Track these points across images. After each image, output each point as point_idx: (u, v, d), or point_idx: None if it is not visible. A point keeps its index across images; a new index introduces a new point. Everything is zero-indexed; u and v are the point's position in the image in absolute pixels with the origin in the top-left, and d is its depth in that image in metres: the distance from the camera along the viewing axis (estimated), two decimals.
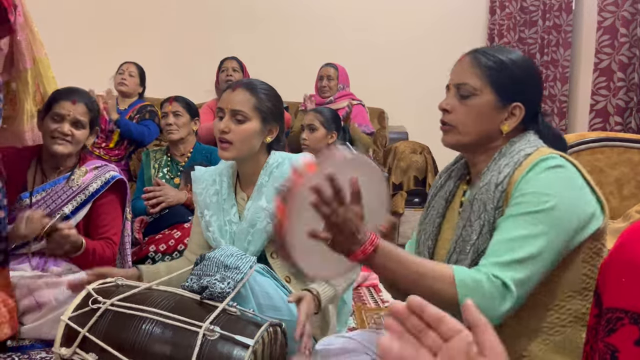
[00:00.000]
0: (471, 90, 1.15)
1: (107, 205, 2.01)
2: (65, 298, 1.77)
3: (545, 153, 1.09)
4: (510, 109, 1.14)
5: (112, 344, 1.27)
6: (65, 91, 2.03)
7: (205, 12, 4.47)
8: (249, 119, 1.60)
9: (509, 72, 1.15)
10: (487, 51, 1.17)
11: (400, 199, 3.40)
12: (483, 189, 1.11)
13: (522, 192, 1.05)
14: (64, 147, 1.95)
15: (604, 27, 3.26)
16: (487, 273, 1.00)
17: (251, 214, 1.63)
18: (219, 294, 1.35)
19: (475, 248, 1.09)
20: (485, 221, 1.09)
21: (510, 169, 1.09)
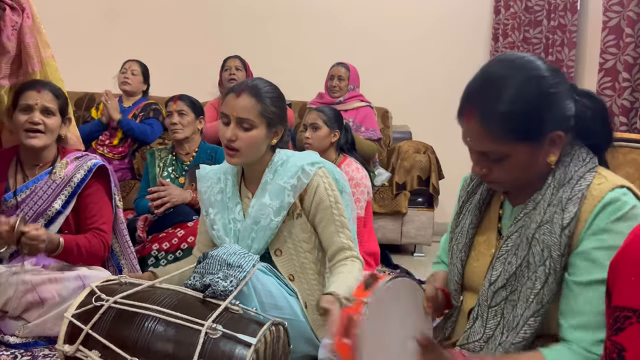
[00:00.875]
0: (502, 156, 1.04)
1: (93, 194, 1.99)
2: (69, 294, 1.78)
3: (610, 183, 1.02)
4: (548, 142, 1.04)
5: (115, 341, 1.27)
6: (29, 83, 2.00)
7: (209, 10, 4.47)
8: (255, 126, 1.60)
9: (520, 109, 1.00)
10: (488, 105, 1.02)
11: (404, 199, 3.39)
12: (545, 228, 1.03)
13: (599, 244, 0.98)
14: (39, 139, 1.92)
15: (609, 27, 3.24)
16: (584, 353, 0.97)
17: (255, 211, 1.63)
18: (222, 292, 1.35)
19: (539, 299, 1.03)
20: (551, 270, 1.02)
21: (575, 207, 1.00)
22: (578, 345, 0.98)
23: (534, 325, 1.04)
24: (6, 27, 2.08)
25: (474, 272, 1.18)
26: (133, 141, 3.39)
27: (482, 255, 1.17)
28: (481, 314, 1.11)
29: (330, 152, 2.80)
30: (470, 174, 1.26)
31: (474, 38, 4.41)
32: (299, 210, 1.64)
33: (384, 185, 3.49)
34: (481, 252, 1.18)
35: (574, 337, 0.99)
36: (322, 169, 1.66)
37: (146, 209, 2.61)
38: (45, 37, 2.23)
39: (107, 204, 2.02)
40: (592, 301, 0.98)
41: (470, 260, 1.20)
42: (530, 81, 1.02)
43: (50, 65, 2.25)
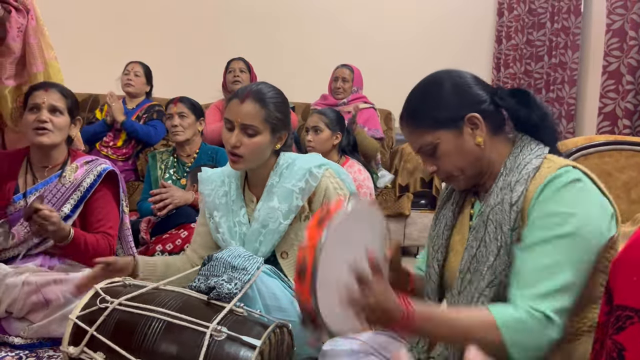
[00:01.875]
0: (432, 146, 1.15)
1: (101, 199, 2.00)
2: (73, 295, 1.78)
3: (556, 164, 1.08)
4: (467, 123, 1.13)
5: (120, 343, 1.27)
6: (37, 84, 2.03)
7: (213, 12, 4.48)
8: (260, 132, 1.60)
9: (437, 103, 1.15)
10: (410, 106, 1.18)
11: (407, 201, 3.40)
12: (497, 208, 1.09)
13: (541, 212, 1.04)
14: (47, 137, 1.93)
15: (612, 30, 3.25)
16: (527, 308, 0.98)
17: (263, 215, 1.63)
18: (226, 295, 1.36)
19: (492, 270, 1.08)
20: (502, 242, 1.07)
21: (522, 186, 1.07)
22: (521, 300, 1.00)
23: (488, 296, 1.08)
24: (12, 28, 2.10)
25: (452, 272, 1.21)
26: (137, 143, 3.40)
27: (458, 254, 1.21)
28: (453, 302, 1.17)
29: (332, 154, 2.81)
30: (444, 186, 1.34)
31: (478, 40, 4.42)
32: (307, 212, 1.64)
33: (387, 187, 3.49)
34: (458, 251, 1.21)
35: (515, 295, 1.02)
36: (329, 170, 1.67)
37: (149, 211, 2.62)
38: (48, 39, 2.26)
39: (115, 208, 2.04)
40: (533, 259, 1.02)
41: (449, 261, 1.24)
42: (432, 79, 1.19)
43: (53, 66, 2.28)
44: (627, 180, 2.22)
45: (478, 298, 1.09)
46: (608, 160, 2.22)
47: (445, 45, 4.35)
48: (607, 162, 2.22)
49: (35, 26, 2.19)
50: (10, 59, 2.16)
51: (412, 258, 3.56)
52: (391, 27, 4.43)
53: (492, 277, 1.08)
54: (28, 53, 2.18)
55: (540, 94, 4.14)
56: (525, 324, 0.98)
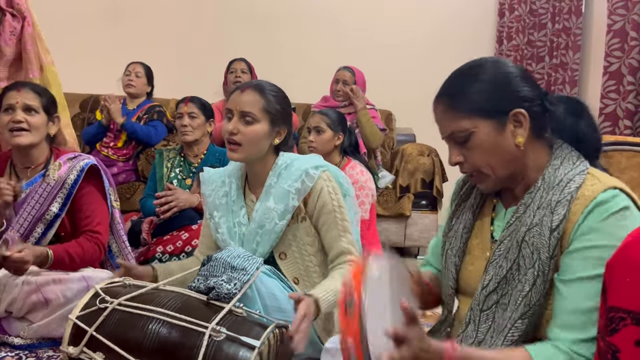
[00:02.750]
0: (465, 133, 1.07)
1: (86, 196, 1.96)
2: (73, 295, 1.79)
3: (602, 184, 1.01)
4: (512, 118, 1.05)
5: (119, 343, 1.28)
6: (10, 85, 2.00)
7: (213, 13, 4.49)
8: (258, 121, 1.61)
9: (479, 89, 1.06)
10: (451, 86, 1.10)
11: (407, 202, 3.39)
12: (534, 230, 1.02)
13: (588, 243, 0.98)
14: (24, 137, 1.90)
15: (613, 31, 3.24)
16: (569, 353, 0.96)
17: (259, 215, 1.63)
18: (226, 295, 1.36)
19: (527, 300, 1.02)
20: (539, 272, 1.01)
21: (564, 209, 1.00)
22: (562, 343, 0.97)
23: (521, 328, 1.03)
24: (4, 31, 2.13)
25: (469, 277, 1.17)
26: (137, 143, 3.41)
27: (477, 259, 1.17)
28: (474, 319, 1.11)
29: (334, 155, 2.80)
30: (462, 178, 1.26)
31: (478, 41, 4.41)
32: (304, 213, 1.64)
33: (387, 187, 3.49)
34: (475, 256, 1.17)
35: (558, 336, 0.98)
36: (326, 173, 1.66)
37: (152, 208, 2.61)
38: (45, 44, 2.28)
39: (102, 204, 2.00)
40: (577, 299, 0.97)
41: (465, 264, 1.19)
42: (482, 63, 1.10)
43: (50, 71, 2.30)
44: (628, 180, 2.21)
45: (510, 330, 1.04)
46: (609, 161, 2.22)
47: (446, 46, 4.34)
48: (608, 163, 2.22)
49: (32, 32, 2.22)
50: (2, 61, 2.18)
51: (413, 259, 3.56)
52: (391, 27, 4.43)
53: (526, 309, 1.02)
54: (25, 59, 2.21)
55: None
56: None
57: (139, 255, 2.44)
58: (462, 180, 1.26)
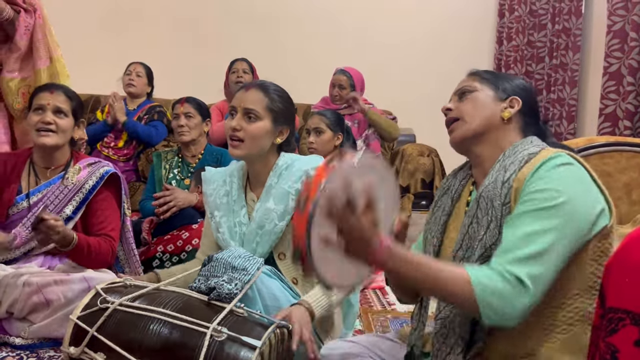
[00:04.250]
0: (470, 89, 1.25)
1: (103, 201, 1.99)
2: (74, 295, 1.78)
3: (552, 152, 1.11)
4: (509, 102, 1.23)
5: (120, 343, 1.28)
6: (43, 85, 2.05)
7: (214, 13, 4.49)
8: (261, 118, 1.62)
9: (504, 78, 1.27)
10: (488, 71, 1.31)
11: (407, 202, 3.40)
12: (489, 186, 1.13)
13: (532, 189, 1.06)
14: (50, 138, 1.93)
15: (613, 31, 3.25)
16: (502, 270, 0.99)
17: (259, 215, 1.63)
18: (227, 295, 1.36)
19: (482, 244, 1.10)
20: (492, 217, 1.10)
21: (516, 166, 1.11)
22: (497, 264, 1.01)
23: None
24: (20, 27, 2.26)
25: (448, 259, 1.20)
26: (138, 143, 3.41)
27: (453, 240, 1.21)
28: None
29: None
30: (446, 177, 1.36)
31: (478, 41, 4.42)
32: None
33: None
34: (452, 239, 1.22)
35: (495, 260, 1.03)
36: None
37: (151, 210, 2.62)
38: (55, 38, 2.38)
39: (116, 211, 2.04)
40: (513, 230, 1.04)
41: (444, 248, 1.25)
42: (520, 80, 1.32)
43: (59, 62, 2.38)
44: (628, 181, 2.22)
45: None
46: (609, 162, 2.22)
47: (446, 47, 4.35)
48: (608, 164, 2.22)
49: (42, 24, 2.30)
50: (16, 54, 2.26)
51: None
52: (392, 28, 4.43)
53: (482, 251, 1.09)
54: (35, 49, 2.29)
55: (541, 95, 4.14)
56: (498, 285, 0.98)
57: (139, 255, 2.44)
58: (446, 177, 1.36)
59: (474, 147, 1.23)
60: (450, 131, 1.26)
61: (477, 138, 1.22)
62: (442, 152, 3.48)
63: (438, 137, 3.75)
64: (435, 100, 4.19)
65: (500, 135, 1.21)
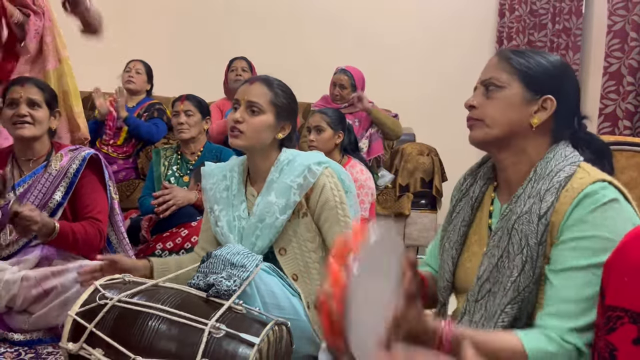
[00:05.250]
0: (497, 84, 1.11)
1: (87, 185, 2.02)
2: (70, 283, 1.80)
3: (591, 177, 1.02)
4: (541, 102, 1.09)
5: (119, 339, 1.28)
6: (14, 79, 2.07)
7: (214, 10, 4.48)
8: (264, 112, 1.64)
9: (538, 66, 1.10)
10: (517, 50, 1.14)
11: (407, 201, 3.40)
12: (524, 218, 1.04)
13: (578, 234, 0.99)
14: (27, 129, 1.96)
15: (614, 31, 3.25)
16: (560, 341, 0.95)
17: (260, 209, 1.64)
18: (225, 292, 1.36)
19: (515, 286, 1.03)
20: (527, 257, 1.02)
21: (553, 197, 1.02)
22: (552, 331, 0.97)
23: (511, 314, 1.04)
24: (30, 30, 2.30)
25: (467, 274, 1.17)
26: (137, 141, 3.41)
27: (475, 255, 1.17)
28: (469, 309, 1.11)
29: (334, 153, 2.81)
30: (464, 175, 1.28)
31: (478, 41, 4.41)
32: (305, 209, 1.65)
33: (387, 186, 3.49)
34: (474, 252, 1.17)
35: (547, 323, 0.98)
36: (329, 169, 1.67)
37: (151, 207, 2.62)
38: (63, 39, 2.41)
39: (102, 194, 2.05)
40: (566, 288, 0.98)
41: (463, 260, 1.19)
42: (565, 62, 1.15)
43: (67, 63, 2.45)
44: (627, 181, 2.22)
45: (499, 315, 1.04)
46: None
47: (447, 46, 4.35)
48: None
49: (51, 25, 2.31)
50: (26, 57, 2.29)
51: None
52: (392, 27, 4.43)
53: (515, 294, 1.03)
54: (44, 51, 2.31)
55: None
56: (556, 357, 0.95)
57: (138, 253, 2.44)
58: (463, 177, 1.28)
59: (496, 151, 1.15)
60: (470, 128, 1.15)
61: (499, 144, 1.12)
62: (441, 151, 3.48)
63: (438, 136, 3.77)
64: (436, 99, 4.22)
65: (526, 143, 1.11)
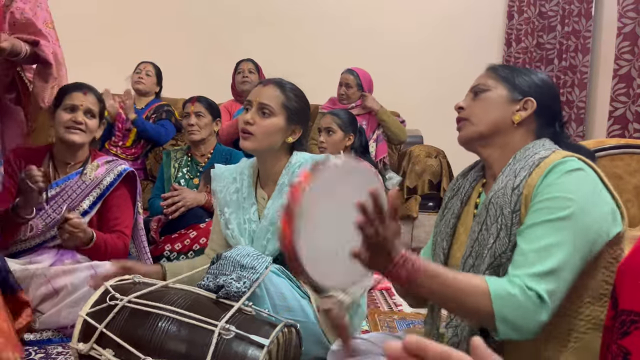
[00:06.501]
0: (484, 87, 1.21)
1: (118, 198, 2.07)
2: (80, 282, 1.82)
3: (563, 155, 1.09)
4: (522, 103, 1.18)
5: (129, 340, 1.28)
6: (74, 84, 2.12)
7: (222, 12, 4.50)
8: (275, 114, 1.64)
9: (522, 74, 1.21)
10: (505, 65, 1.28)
11: (415, 203, 3.39)
12: (499, 192, 1.11)
13: (543, 197, 1.05)
14: (79, 136, 2.03)
15: (624, 34, 3.22)
16: (522, 285, 0.98)
17: (272, 212, 1.64)
18: (235, 294, 1.36)
19: (492, 252, 1.08)
20: (502, 225, 1.08)
21: (526, 171, 1.09)
22: (516, 277, 0.99)
23: None
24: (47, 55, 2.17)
25: (456, 262, 1.20)
26: (146, 142, 3.42)
27: (463, 244, 1.20)
28: None
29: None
30: (457, 175, 1.35)
31: (487, 43, 4.40)
32: None
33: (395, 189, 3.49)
34: (462, 242, 1.21)
35: (512, 274, 1.01)
36: None
37: (160, 209, 2.63)
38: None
39: (130, 209, 2.11)
40: (528, 241, 1.02)
41: (454, 252, 1.24)
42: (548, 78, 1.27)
43: None
44: (638, 184, 2.20)
45: None
46: (619, 164, 2.21)
47: (455, 48, 4.34)
48: (618, 166, 2.21)
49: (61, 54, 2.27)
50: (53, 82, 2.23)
51: None
52: (399, 29, 4.42)
53: (491, 260, 1.08)
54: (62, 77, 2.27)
55: None
56: (518, 300, 0.97)
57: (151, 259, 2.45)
58: (456, 177, 1.35)
59: (481, 148, 1.22)
60: (459, 129, 1.25)
61: (484, 140, 1.20)
62: (449, 153, 3.47)
63: (445, 138, 3.74)
64: (443, 102, 4.19)
65: (510, 139, 1.18)
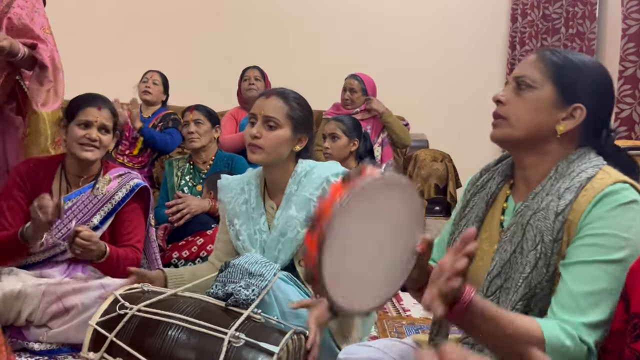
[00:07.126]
0: (530, 83, 1.07)
1: (131, 212, 2.03)
2: (91, 302, 1.80)
3: (612, 178, 1.00)
4: (571, 110, 1.06)
5: (139, 349, 1.28)
6: (88, 97, 2.04)
7: (228, 20, 4.53)
8: (281, 126, 1.64)
9: (575, 71, 1.07)
10: (557, 50, 1.11)
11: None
12: (539, 214, 1.02)
13: (594, 231, 0.97)
14: (92, 153, 1.98)
15: (628, 35, 3.22)
16: (575, 337, 0.94)
17: (281, 223, 1.64)
18: (244, 301, 1.36)
19: (527, 282, 1.02)
20: (541, 254, 1.01)
21: (572, 195, 1.00)
22: (569, 325, 0.94)
23: (521, 310, 1.02)
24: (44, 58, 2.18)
25: (477, 272, 1.14)
26: (152, 151, 3.44)
27: (485, 253, 1.14)
28: None
29: (349, 161, 2.81)
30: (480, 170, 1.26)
31: (491, 46, 4.40)
32: None
33: None
34: (484, 250, 1.15)
35: (559, 316, 0.96)
36: None
37: (165, 218, 2.64)
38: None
39: (142, 223, 2.08)
40: (576, 281, 0.96)
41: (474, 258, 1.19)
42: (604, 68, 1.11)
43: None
44: None
45: (511, 311, 1.02)
46: None
47: (459, 51, 4.34)
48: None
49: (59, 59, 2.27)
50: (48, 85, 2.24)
51: None
52: (403, 34, 4.43)
53: (526, 291, 1.02)
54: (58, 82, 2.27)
55: None
56: (569, 352, 0.93)
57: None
58: (480, 172, 1.25)
59: (516, 151, 1.13)
60: (493, 125, 1.13)
61: (521, 145, 1.10)
62: (455, 157, 3.47)
63: (451, 142, 3.76)
64: (449, 105, 4.21)
65: (549, 147, 1.08)
